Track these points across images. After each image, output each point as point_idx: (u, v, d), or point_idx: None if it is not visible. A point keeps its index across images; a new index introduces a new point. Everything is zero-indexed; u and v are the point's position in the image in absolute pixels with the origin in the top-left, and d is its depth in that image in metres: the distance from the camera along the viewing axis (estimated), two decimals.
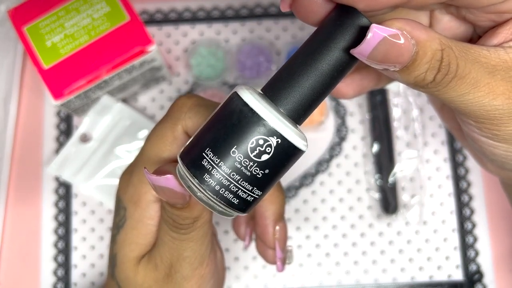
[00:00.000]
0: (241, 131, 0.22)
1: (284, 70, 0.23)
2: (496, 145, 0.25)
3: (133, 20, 0.40)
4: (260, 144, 0.22)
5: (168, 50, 0.49)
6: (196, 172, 0.22)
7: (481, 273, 0.46)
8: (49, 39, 0.40)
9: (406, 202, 0.46)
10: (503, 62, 0.22)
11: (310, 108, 0.23)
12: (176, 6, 0.50)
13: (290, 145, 0.22)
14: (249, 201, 0.23)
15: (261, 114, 0.22)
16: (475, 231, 0.46)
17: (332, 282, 0.46)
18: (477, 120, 0.24)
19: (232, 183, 0.22)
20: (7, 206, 0.47)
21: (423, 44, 0.21)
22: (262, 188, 0.23)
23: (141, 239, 0.29)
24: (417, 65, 0.21)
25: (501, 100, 0.22)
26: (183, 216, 0.26)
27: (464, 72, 0.22)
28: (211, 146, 0.22)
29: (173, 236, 0.27)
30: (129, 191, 0.29)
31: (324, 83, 0.23)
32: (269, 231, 0.32)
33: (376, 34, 0.20)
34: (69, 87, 0.40)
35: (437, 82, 0.22)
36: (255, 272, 0.46)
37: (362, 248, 0.47)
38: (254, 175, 0.22)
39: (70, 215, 0.47)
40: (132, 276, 0.29)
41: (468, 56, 0.22)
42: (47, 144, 0.48)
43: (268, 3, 0.50)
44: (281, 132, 0.22)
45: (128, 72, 0.42)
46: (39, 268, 0.46)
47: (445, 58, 0.21)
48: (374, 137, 0.47)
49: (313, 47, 0.22)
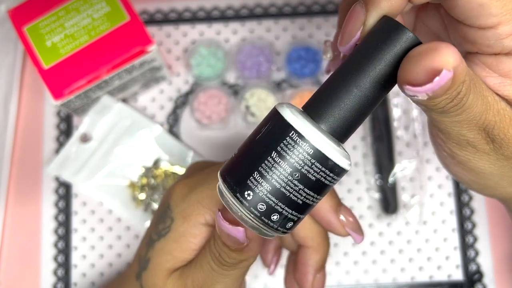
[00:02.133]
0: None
1: (325, 87, 0.23)
2: (447, 159, 0.27)
3: (133, 20, 0.40)
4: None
5: (168, 50, 0.49)
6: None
7: (481, 273, 0.46)
8: (49, 39, 0.40)
9: (406, 202, 0.46)
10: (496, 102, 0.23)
11: (354, 126, 0.23)
12: (176, 6, 0.50)
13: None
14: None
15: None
16: (475, 231, 0.46)
17: (332, 282, 0.46)
18: (447, 140, 0.25)
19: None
20: (7, 206, 0.47)
21: (458, 71, 0.20)
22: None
23: (179, 253, 0.29)
24: (453, 87, 0.21)
25: (474, 134, 0.23)
26: (231, 256, 0.27)
27: (470, 106, 0.22)
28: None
29: (213, 267, 0.28)
30: (183, 206, 0.29)
31: (368, 100, 0.22)
32: (308, 279, 0.32)
33: (445, 75, 0.20)
34: (69, 87, 0.40)
35: (445, 110, 0.22)
36: (255, 272, 0.46)
37: (362, 248, 0.47)
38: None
39: (70, 215, 0.47)
40: (160, 285, 0.29)
41: (477, 88, 0.22)
42: (47, 144, 0.48)
43: (268, 3, 0.50)
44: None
45: (128, 72, 0.42)
46: (39, 268, 0.46)
47: (462, 91, 0.21)
48: (374, 137, 0.47)
49: (356, 62, 0.22)
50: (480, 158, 0.25)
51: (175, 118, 0.48)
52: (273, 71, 0.48)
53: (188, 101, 0.48)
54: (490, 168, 0.25)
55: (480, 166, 0.25)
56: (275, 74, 0.48)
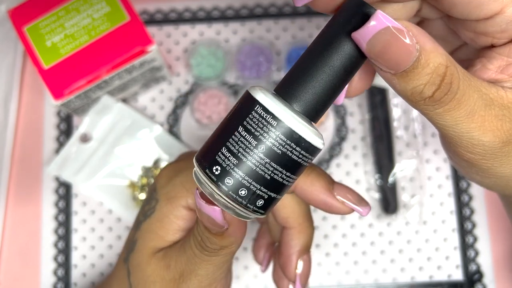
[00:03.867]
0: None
1: (295, 69, 0.23)
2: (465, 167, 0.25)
3: (133, 20, 0.40)
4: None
5: (168, 50, 0.49)
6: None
7: (481, 273, 0.46)
8: (49, 39, 0.40)
9: (406, 202, 0.46)
10: (500, 98, 0.22)
11: (325, 105, 0.23)
12: (176, 6, 0.50)
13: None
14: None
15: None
16: (475, 231, 0.46)
17: (332, 282, 0.46)
18: (461, 151, 0.23)
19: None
20: (7, 206, 0.47)
21: (428, 53, 0.20)
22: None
23: (163, 232, 0.30)
24: (417, 73, 0.20)
25: (489, 137, 0.22)
26: (212, 241, 0.26)
27: (464, 97, 0.21)
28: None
29: (195, 253, 0.28)
30: (168, 188, 0.30)
31: (338, 78, 0.22)
32: (292, 262, 0.30)
33: (380, 20, 0.19)
34: (69, 87, 0.40)
35: (435, 99, 0.21)
36: (255, 272, 0.46)
37: (362, 248, 0.47)
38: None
39: (70, 215, 0.47)
40: (144, 264, 0.30)
41: (470, 81, 0.21)
42: (47, 144, 0.48)
43: (268, 3, 0.50)
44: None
45: (128, 72, 0.42)
46: (39, 268, 0.46)
47: (447, 76, 0.20)
48: (374, 137, 0.47)
49: (323, 41, 0.22)
50: (501, 163, 0.23)
51: (175, 118, 0.48)
52: (273, 71, 0.48)
53: (188, 101, 0.48)
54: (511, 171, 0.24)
55: (502, 172, 0.24)
56: (275, 74, 0.48)
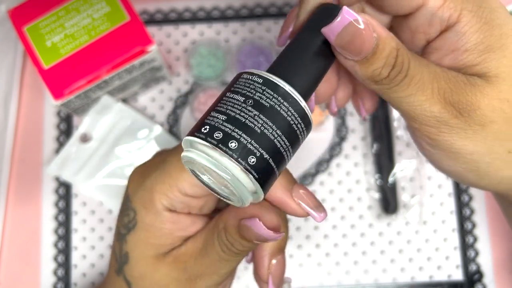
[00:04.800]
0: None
1: (284, 54, 0.25)
2: (431, 151, 0.27)
3: (133, 20, 0.40)
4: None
5: (168, 50, 0.49)
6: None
7: (481, 273, 0.46)
8: (49, 39, 0.40)
9: (406, 202, 0.46)
10: (445, 74, 0.24)
11: (312, 88, 0.25)
12: (176, 6, 0.50)
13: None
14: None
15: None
16: (475, 231, 0.46)
17: (332, 282, 0.46)
18: (418, 125, 0.25)
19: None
20: (7, 206, 0.47)
21: (383, 40, 0.23)
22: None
23: (156, 240, 0.30)
24: (376, 58, 0.23)
25: (438, 108, 0.24)
26: (246, 245, 0.27)
27: (414, 72, 0.24)
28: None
29: (222, 257, 0.28)
30: (140, 194, 0.29)
31: (318, 68, 0.25)
32: (264, 264, 0.30)
33: (345, 16, 0.22)
34: (69, 87, 0.40)
35: (391, 78, 0.24)
36: None
37: (362, 248, 0.47)
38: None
39: (70, 215, 0.47)
40: (149, 272, 0.30)
41: (419, 59, 0.24)
42: (47, 144, 0.48)
43: (268, 3, 0.50)
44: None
45: (128, 72, 0.42)
46: (39, 268, 0.46)
47: (399, 57, 0.23)
48: (374, 137, 0.47)
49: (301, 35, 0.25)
50: (459, 137, 0.25)
51: (175, 118, 0.48)
52: None
53: (188, 101, 0.48)
54: (474, 146, 0.25)
55: (464, 147, 0.25)
56: None
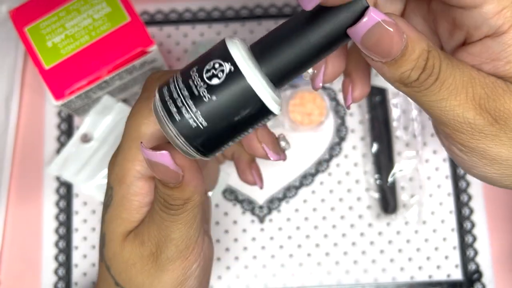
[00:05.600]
0: (206, 54, 0.23)
1: (275, 32, 0.24)
2: (463, 158, 0.26)
3: (133, 20, 0.40)
4: (215, 68, 0.22)
5: (169, 51, 0.50)
6: (161, 87, 0.23)
7: (480, 272, 0.46)
8: (50, 39, 0.40)
9: (406, 202, 0.47)
10: (482, 78, 0.23)
11: (290, 76, 0.24)
12: (176, 6, 0.50)
13: (247, 86, 0.22)
14: (193, 128, 0.23)
15: (230, 50, 0.22)
16: (474, 231, 0.47)
17: (332, 282, 0.46)
18: (450, 131, 0.25)
19: (179, 98, 0.23)
20: (8, 206, 0.47)
21: (413, 41, 0.22)
22: (208, 117, 0.23)
23: (126, 214, 0.29)
24: (405, 60, 0.22)
25: (472, 114, 0.23)
26: (174, 196, 0.26)
27: (445, 76, 0.23)
28: (182, 70, 0.23)
29: (162, 217, 0.28)
30: (115, 171, 0.29)
31: (311, 55, 0.23)
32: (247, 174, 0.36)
33: (372, 16, 0.21)
34: (70, 87, 0.40)
35: (421, 82, 0.23)
36: (255, 272, 0.46)
37: (361, 248, 0.47)
38: (201, 97, 0.22)
39: (71, 214, 0.47)
40: (118, 251, 0.29)
41: (452, 61, 0.23)
42: (48, 144, 0.48)
43: (268, 3, 0.50)
44: (239, 65, 0.22)
45: (129, 73, 0.42)
46: (40, 268, 0.46)
47: (430, 59, 0.22)
48: (373, 137, 0.47)
49: (310, 18, 0.23)
50: (494, 144, 0.24)
51: None
52: None
53: None
54: (510, 153, 0.24)
55: (499, 153, 0.24)
56: None
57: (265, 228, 0.47)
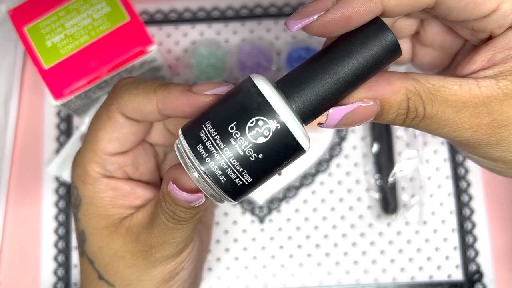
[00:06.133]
0: (243, 108, 0.22)
1: (302, 68, 0.23)
2: (478, 160, 0.27)
3: (133, 20, 0.40)
4: (259, 125, 0.21)
5: (168, 50, 0.49)
6: (192, 143, 0.22)
7: (481, 273, 0.46)
8: (49, 39, 0.40)
9: (406, 202, 0.47)
10: (473, 98, 0.24)
11: (320, 111, 0.23)
12: (176, 6, 0.50)
13: (291, 137, 0.22)
14: (237, 185, 0.22)
15: (268, 100, 0.21)
16: (475, 231, 0.47)
17: (332, 282, 0.46)
18: (454, 144, 0.26)
19: (224, 161, 0.22)
20: (8, 206, 0.47)
21: (388, 100, 0.23)
22: (253, 174, 0.22)
23: (102, 211, 0.30)
24: (385, 115, 0.24)
25: (470, 133, 0.24)
26: (188, 212, 0.27)
27: (432, 113, 0.24)
28: (212, 119, 0.22)
29: (168, 226, 0.28)
30: (76, 171, 0.30)
31: (339, 89, 0.23)
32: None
33: (332, 116, 0.23)
34: (69, 87, 0.40)
35: (408, 123, 0.24)
36: (255, 272, 0.46)
37: (362, 248, 0.47)
38: (247, 156, 0.22)
39: (70, 215, 0.47)
40: (105, 244, 0.30)
41: (436, 97, 0.24)
42: (47, 144, 0.48)
43: (268, 3, 0.50)
44: (285, 122, 0.21)
45: (128, 72, 0.42)
46: (39, 268, 0.46)
47: (411, 106, 0.24)
48: (374, 137, 0.47)
49: (336, 52, 0.23)
50: (497, 150, 0.25)
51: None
52: (273, 71, 0.48)
53: None
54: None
55: (503, 157, 0.25)
56: (275, 74, 0.48)
57: (265, 229, 0.47)
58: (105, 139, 0.29)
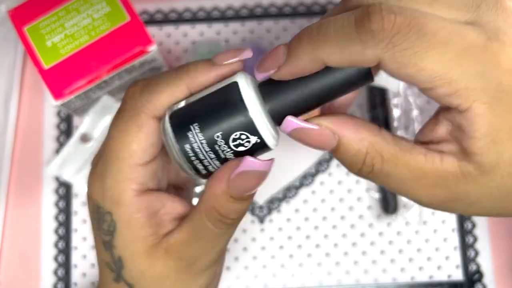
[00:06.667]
0: (229, 120, 0.25)
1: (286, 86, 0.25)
2: None
3: (133, 20, 0.40)
4: (241, 138, 0.25)
5: (168, 50, 0.49)
6: (179, 138, 0.26)
7: (481, 273, 0.46)
8: (49, 39, 0.40)
9: (406, 202, 0.46)
10: (435, 171, 0.24)
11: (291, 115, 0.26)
12: (176, 6, 0.50)
13: (263, 144, 0.25)
14: (212, 172, 0.27)
15: (249, 110, 0.24)
16: (475, 231, 0.46)
17: (332, 282, 0.46)
18: None
19: (206, 159, 0.26)
20: (7, 206, 0.47)
21: (345, 144, 0.24)
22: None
23: (139, 234, 0.29)
24: (342, 153, 0.25)
25: (425, 200, 0.25)
26: (238, 210, 0.27)
27: (389, 172, 0.24)
28: (200, 123, 0.25)
29: (216, 233, 0.28)
30: (107, 195, 0.29)
31: (306, 100, 0.25)
32: None
33: (286, 123, 0.25)
34: (69, 87, 0.40)
35: (364, 175, 0.25)
36: (255, 272, 0.46)
37: (362, 248, 0.47)
38: (226, 159, 0.26)
39: (70, 215, 0.47)
40: (147, 268, 0.29)
41: (399, 161, 0.24)
42: (47, 144, 0.48)
43: (268, 3, 0.50)
44: (261, 133, 0.25)
45: (128, 72, 0.42)
46: (39, 268, 0.46)
47: (367, 160, 0.24)
48: None
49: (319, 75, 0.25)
50: (457, 205, 0.25)
51: None
52: None
53: None
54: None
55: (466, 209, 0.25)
56: None
57: (265, 229, 0.47)
58: (139, 150, 0.28)
